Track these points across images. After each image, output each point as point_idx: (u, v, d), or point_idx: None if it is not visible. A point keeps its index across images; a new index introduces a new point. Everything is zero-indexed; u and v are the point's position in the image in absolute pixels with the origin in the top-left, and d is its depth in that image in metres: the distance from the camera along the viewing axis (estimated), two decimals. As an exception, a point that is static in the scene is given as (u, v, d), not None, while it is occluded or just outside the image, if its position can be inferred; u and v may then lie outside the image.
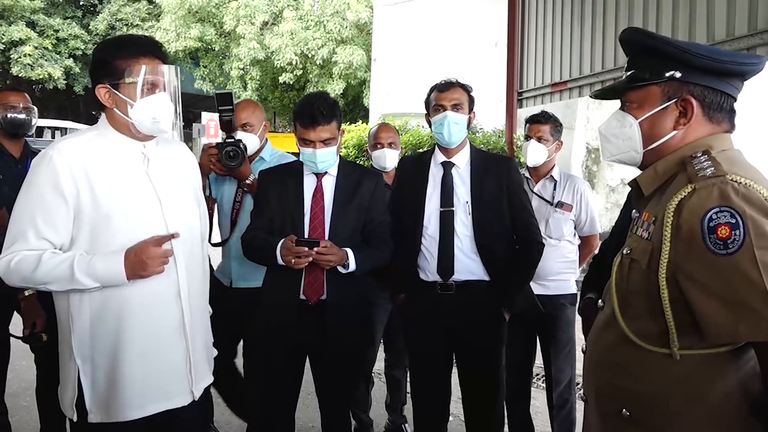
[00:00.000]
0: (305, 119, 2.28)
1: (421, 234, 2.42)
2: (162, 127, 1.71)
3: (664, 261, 1.16)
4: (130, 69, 1.67)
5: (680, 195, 1.16)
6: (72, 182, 1.63)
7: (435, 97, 2.45)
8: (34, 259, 1.61)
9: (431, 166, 2.50)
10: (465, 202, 2.39)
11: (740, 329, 1.09)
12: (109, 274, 1.61)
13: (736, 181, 1.12)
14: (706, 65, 1.24)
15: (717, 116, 1.27)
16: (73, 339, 1.68)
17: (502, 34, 6.62)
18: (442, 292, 2.39)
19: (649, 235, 1.23)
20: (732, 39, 3.72)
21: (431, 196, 2.44)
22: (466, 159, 2.47)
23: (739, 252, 1.07)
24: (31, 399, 2.98)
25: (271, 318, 2.37)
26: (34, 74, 23.20)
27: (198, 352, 1.83)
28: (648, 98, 1.31)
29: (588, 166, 8.65)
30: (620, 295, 1.30)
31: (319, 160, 2.31)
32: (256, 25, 24.46)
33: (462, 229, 2.38)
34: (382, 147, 3.12)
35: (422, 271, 2.45)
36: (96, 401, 1.69)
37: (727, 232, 1.08)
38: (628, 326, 1.27)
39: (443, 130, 2.39)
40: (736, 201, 1.09)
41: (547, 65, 5.87)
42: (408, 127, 9.10)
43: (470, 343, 2.41)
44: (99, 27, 26.17)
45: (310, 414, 3.17)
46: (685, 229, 1.13)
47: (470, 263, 2.38)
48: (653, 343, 1.22)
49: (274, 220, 2.38)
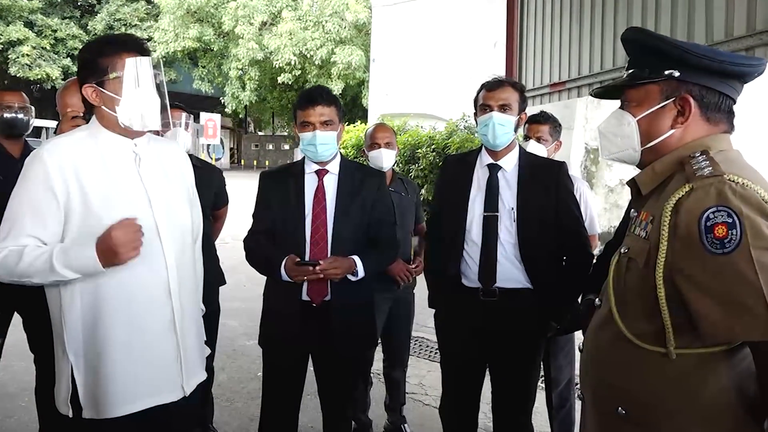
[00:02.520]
0: (305, 100, 2.30)
1: (463, 239, 2.31)
2: (148, 123, 1.72)
3: (661, 260, 1.17)
4: (113, 65, 1.70)
5: (678, 194, 1.16)
6: (62, 181, 1.65)
7: (483, 96, 2.32)
8: (17, 253, 1.63)
9: (477, 167, 2.38)
10: (510, 208, 2.27)
11: (736, 329, 1.10)
12: (84, 263, 1.62)
13: (734, 180, 1.12)
14: (704, 65, 1.25)
15: (715, 116, 1.28)
16: (66, 335, 1.70)
17: (501, 34, 6.64)
18: (484, 298, 2.28)
19: (646, 234, 1.24)
20: (730, 40, 3.73)
21: (475, 200, 2.32)
22: (514, 162, 2.34)
23: (736, 251, 1.08)
24: (29, 399, 2.98)
25: (275, 321, 2.37)
26: (32, 74, 23.20)
27: (189, 349, 1.84)
28: (647, 97, 1.32)
29: (587, 166, 8.66)
30: (617, 294, 1.31)
31: (319, 142, 2.28)
32: (255, 25, 24.47)
33: (506, 236, 2.26)
34: (379, 147, 3.12)
35: (464, 276, 2.33)
36: (88, 397, 1.70)
37: (724, 232, 1.09)
38: (625, 325, 1.27)
39: (488, 131, 2.28)
40: (733, 201, 1.10)
41: (546, 65, 5.88)
42: (407, 128, 9.10)
43: (508, 353, 2.30)
44: (97, 27, 26.16)
45: (310, 414, 3.17)
46: (683, 229, 1.14)
47: (513, 271, 2.26)
48: (649, 342, 1.22)
49: (275, 221, 2.36)
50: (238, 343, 4.71)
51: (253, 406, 3.38)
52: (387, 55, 14.40)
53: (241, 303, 5.09)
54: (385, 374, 3.35)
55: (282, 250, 2.27)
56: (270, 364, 2.43)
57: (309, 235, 2.30)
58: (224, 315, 3.11)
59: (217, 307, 2.97)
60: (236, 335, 4.83)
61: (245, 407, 3.59)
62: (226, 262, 3.21)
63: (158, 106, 1.73)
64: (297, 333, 2.30)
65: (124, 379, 1.71)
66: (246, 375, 4.08)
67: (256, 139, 41.01)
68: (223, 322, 3.09)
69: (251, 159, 37.84)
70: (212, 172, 3.10)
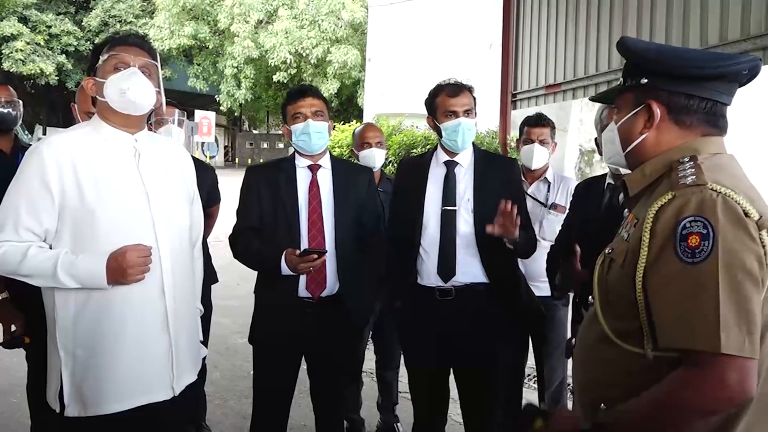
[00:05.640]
0: (295, 93, 2.39)
1: (420, 236, 2.35)
2: (131, 97, 1.71)
3: (642, 264, 1.18)
4: (105, 52, 1.75)
5: (661, 201, 1.18)
6: (58, 176, 1.65)
7: (445, 102, 2.35)
8: (20, 252, 1.65)
9: (432, 166, 2.44)
10: (467, 200, 2.34)
11: (686, 336, 1.10)
12: (91, 277, 1.64)
13: (716, 190, 1.13)
14: (666, 71, 1.27)
15: (685, 120, 1.29)
16: (57, 331, 1.70)
17: (497, 35, 6.65)
18: (441, 298, 2.31)
19: (628, 236, 1.26)
20: (725, 44, 3.75)
21: (431, 196, 2.37)
22: (469, 158, 2.42)
23: (704, 263, 1.09)
24: (21, 396, 2.96)
25: (270, 319, 2.37)
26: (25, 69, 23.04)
27: (182, 349, 1.83)
28: (625, 104, 1.37)
29: (581, 168, 8.70)
30: (601, 293, 1.33)
31: (313, 130, 2.31)
32: (251, 23, 24.40)
33: (464, 228, 2.31)
34: (371, 147, 3.12)
35: (420, 275, 2.36)
36: (77, 393, 1.70)
37: (697, 242, 1.10)
38: (607, 324, 1.29)
39: (457, 137, 2.33)
40: (710, 212, 1.11)
41: (541, 67, 5.89)
42: (402, 128, 9.10)
43: (467, 351, 2.33)
44: (92, 23, 26.02)
45: (303, 412, 3.17)
46: (660, 235, 1.16)
47: (471, 264, 2.30)
48: (629, 342, 1.24)
49: (263, 218, 2.35)
50: (231, 341, 4.71)
51: (246, 404, 3.38)
52: (383, 55, 14.42)
53: (234, 301, 5.09)
54: (378, 375, 3.36)
55: (275, 245, 2.27)
56: (262, 362, 2.42)
57: (306, 229, 2.30)
58: (217, 313, 3.11)
59: (209, 305, 2.96)
60: (229, 333, 4.83)
61: (238, 405, 3.58)
62: (218, 260, 3.21)
63: (146, 87, 1.74)
64: (292, 331, 2.30)
65: (115, 376, 1.70)
66: (239, 373, 4.08)
67: (251, 137, 40.89)
68: (215, 320, 3.09)
69: (246, 157, 37.72)
70: (205, 170, 3.08)
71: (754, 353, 1.07)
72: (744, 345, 1.06)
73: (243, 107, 31.65)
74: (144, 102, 1.74)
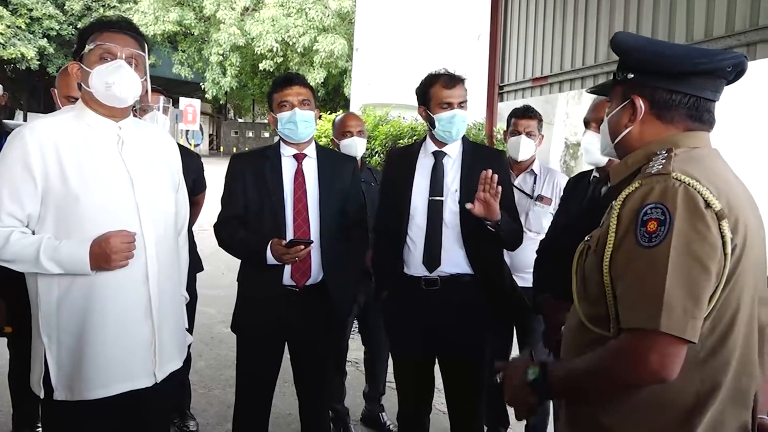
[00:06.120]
0: (282, 81, 2.38)
1: (407, 225, 2.37)
2: (116, 92, 1.70)
3: (609, 249, 1.23)
4: (92, 39, 1.72)
5: (629, 189, 1.23)
6: (41, 160, 1.64)
7: (440, 93, 2.34)
8: (2, 237, 1.64)
9: (420, 156, 2.45)
10: (454, 190, 2.35)
11: (635, 317, 1.15)
12: (74, 262, 1.64)
13: (679, 179, 1.17)
14: (649, 67, 1.32)
15: (667, 115, 1.32)
16: (41, 317, 1.70)
17: (485, 27, 6.65)
18: (426, 287, 2.33)
19: (602, 222, 1.33)
20: (710, 39, 3.78)
21: (419, 186, 2.38)
22: (458, 149, 2.42)
23: (658, 247, 1.14)
24: (2, 383, 2.93)
25: (254, 308, 2.36)
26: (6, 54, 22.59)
27: (165, 336, 1.83)
28: (614, 97, 1.43)
29: (566, 160, 8.76)
30: (578, 281, 1.37)
31: (299, 119, 2.30)
32: (237, 10, 24.16)
33: (451, 218, 2.32)
34: (352, 135, 3.11)
35: (406, 265, 2.38)
36: (61, 379, 1.70)
37: (655, 227, 1.15)
38: (582, 309, 1.33)
39: (452, 128, 2.33)
40: (670, 200, 1.16)
41: (528, 60, 5.91)
42: (389, 118, 9.08)
43: (453, 342, 2.34)
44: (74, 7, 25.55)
45: (288, 401, 3.18)
46: (624, 221, 1.21)
47: (457, 254, 2.32)
48: (600, 327, 1.28)
49: (248, 206, 2.35)
50: (216, 330, 4.69)
51: (231, 393, 3.36)
52: (370, 45, 14.37)
53: (218, 290, 5.07)
54: (366, 366, 3.37)
55: (260, 234, 2.27)
56: (245, 351, 2.42)
57: (291, 218, 2.31)
58: (202, 302, 3.09)
59: (194, 293, 2.95)
60: (214, 322, 4.81)
61: (223, 394, 3.58)
62: (203, 249, 3.19)
63: (132, 81, 1.72)
64: (276, 320, 2.30)
65: (98, 362, 1.70)
66: (224, 362, 4.07)
67: (236, 125, 40.61)
68: (200, 310, 3.08)
69: (230, 146, 37.47)
70: (190, 157, 3.07)
71: (693, 337, 1.12)
72: (686, 327, 1.11)
73: (228, 95, 31.39)
74: (129, 96, 1.74)
